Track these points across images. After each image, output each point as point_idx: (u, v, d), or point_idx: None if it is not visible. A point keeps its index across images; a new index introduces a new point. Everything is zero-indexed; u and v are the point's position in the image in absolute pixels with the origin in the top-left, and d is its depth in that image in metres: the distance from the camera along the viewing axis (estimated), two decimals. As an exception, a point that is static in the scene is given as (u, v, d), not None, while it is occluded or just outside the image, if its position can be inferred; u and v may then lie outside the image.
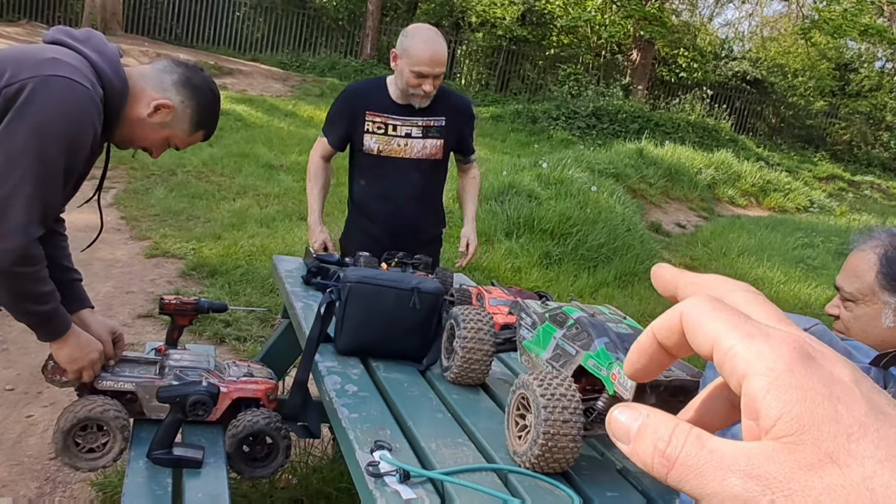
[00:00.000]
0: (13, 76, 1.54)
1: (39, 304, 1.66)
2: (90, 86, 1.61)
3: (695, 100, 17.25)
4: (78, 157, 1.63)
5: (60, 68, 1.57)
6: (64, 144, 1.57)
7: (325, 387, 1.62)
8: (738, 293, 0.36)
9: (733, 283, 0.37)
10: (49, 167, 1.56)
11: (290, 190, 7.47)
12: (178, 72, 1.83)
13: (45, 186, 1.57)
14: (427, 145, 2.73)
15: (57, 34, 1.71)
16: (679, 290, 0.38)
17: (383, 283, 1.80)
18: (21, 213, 1.54)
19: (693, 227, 9.54)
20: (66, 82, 1.56)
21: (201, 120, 1.87)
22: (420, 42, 2.59)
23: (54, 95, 1.54)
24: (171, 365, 2.05)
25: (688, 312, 0.34)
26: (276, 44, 18.29)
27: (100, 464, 1.89)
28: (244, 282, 4.94)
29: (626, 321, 1.58)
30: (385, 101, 2.69)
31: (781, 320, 0.33)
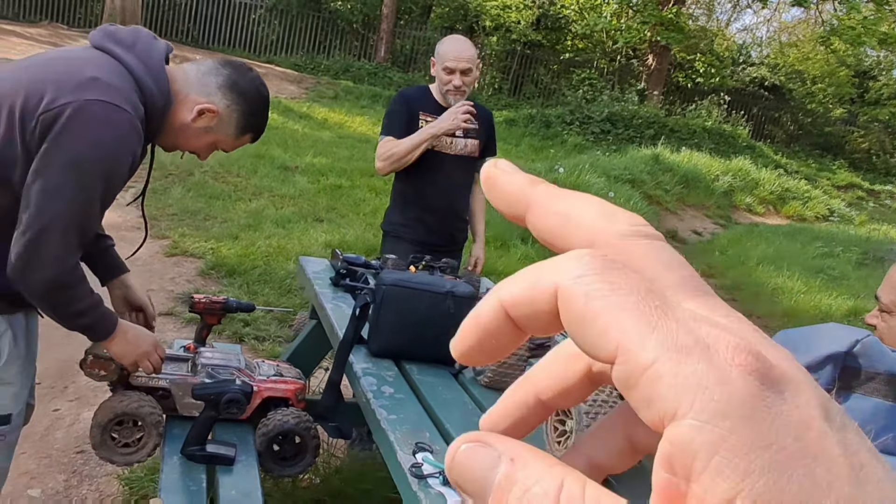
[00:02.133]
0: (52, 101, 1.48)
1: (81, 317, 1.65)
2: (130, 107, 1.54)
3: (711, 105, 17.18)
4: (115, 184, 1.59)
5: (100, 91, 1.50)
6: (101, 175, 1.53)
7: (362, 388, 1.63)
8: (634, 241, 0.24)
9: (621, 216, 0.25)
10: (86, 198, 1.52)
11: (306, 192, 7.50)
12: (224, 74, 1.76)
13: (83, 216, 1.54)
14: (468, 143, 3.03)
15: (102, 39, 1.63)
16: (531, 216, 0.26)
17: (418, 286, 1.81)
18: (58, 245, 1.51)
19: (710, 235, 9.51)
20: (104, 108, 1.50)
21: (248, 124, 1.81)
22: (448, 43, 2.99)
23: (92, 124, 1.49)
24: (203, 363, 2.07)
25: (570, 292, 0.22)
26: (290, 46, 18.36)
27: (134, 458, 1.91)
28: (262, 282, 4.96)
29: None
30: (433, 104, 2.99)
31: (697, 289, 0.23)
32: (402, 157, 2.89)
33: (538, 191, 0.26)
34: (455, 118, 2.85)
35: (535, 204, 0.26)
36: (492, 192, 0.27)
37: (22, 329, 1.71)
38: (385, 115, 3.06)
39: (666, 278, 0.23)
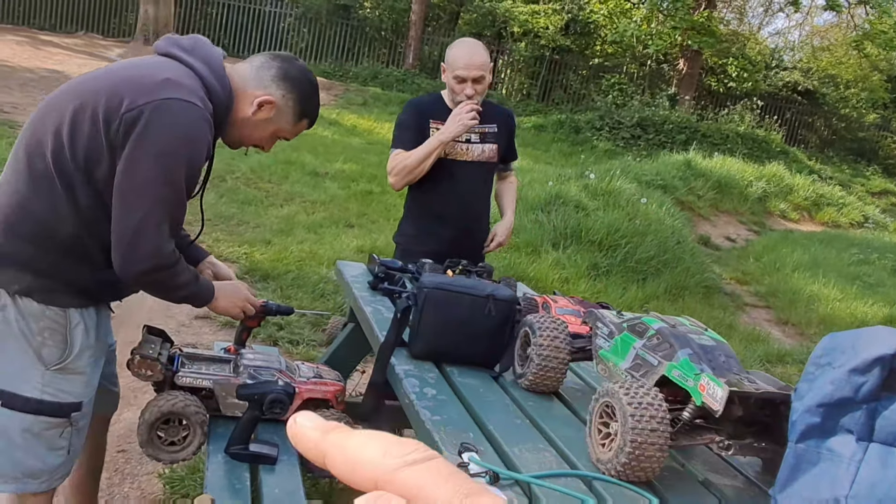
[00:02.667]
0: (132, 103, 1.60)
1: (182, 290, 1.82)
2: (202, 104, 1.68)
3: (744, 110, 17.00)
4: (196, 173, 1.73)
5: (174, 90, 1.63)
6: (185, 165, 1.66)
7: (405, 389, 1.65)
8: (406, 471, 0.29)
9: (395, 450, 0.29)
10: (173, 188, 1.66)
11: (336, 197, 7.55)
12: (276, 66, 1.86)
13: (172, 207, 1.68)
14: (486, 149, 2.89)
15: (167, 46, 1.77)
16: (329, 465, 0.31)
17: (459, 289, 1.82)
18: (153, 237, 1.65)
19: (743, 241, 9.40)
20: (180, 105, 1.63)
21: (303, 109, 1.92)
22: (458, 49, 2.80)
23: (171, 120, 1.62)
24: (245, 364, 2.10)
25: None
26: (320, 53, 18.53)
27: (180, 456, 1.94)
28: (295, 286, 5.00)
29: (707, 333, 1.57)
30: (444, 111, 2.82)
31: (468, 493, 0.28)
32: (413, 169, 2.77)
33: (329, 443, 0.30)
34: (461, 121, 2.71)
35: (328, 455, 0.30)
36: (296, 446, 0.31)
37: (93, 321, 1.80)
38: (395, 127, 2.94)
39: (438, 494, 0.28)
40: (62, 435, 1.76)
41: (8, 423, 1.71)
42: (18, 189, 1.67)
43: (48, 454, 1.75)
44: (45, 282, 1.69)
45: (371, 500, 0.27)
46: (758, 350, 5.43)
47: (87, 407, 1.81)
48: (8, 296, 1.68)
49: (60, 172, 1.64)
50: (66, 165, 1.63)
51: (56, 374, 1.72)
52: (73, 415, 1.76)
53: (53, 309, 1.70)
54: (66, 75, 11.67)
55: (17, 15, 16.71)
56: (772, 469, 1.51)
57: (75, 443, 1.82)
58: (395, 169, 2.82)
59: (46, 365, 1.71)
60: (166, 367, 2.03)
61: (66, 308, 1.72)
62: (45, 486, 1.78)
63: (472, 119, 2.71)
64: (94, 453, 2.18)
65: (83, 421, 1.82)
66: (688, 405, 1.42)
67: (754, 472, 1.56)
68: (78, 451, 1.85)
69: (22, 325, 1.69)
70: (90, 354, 1.79)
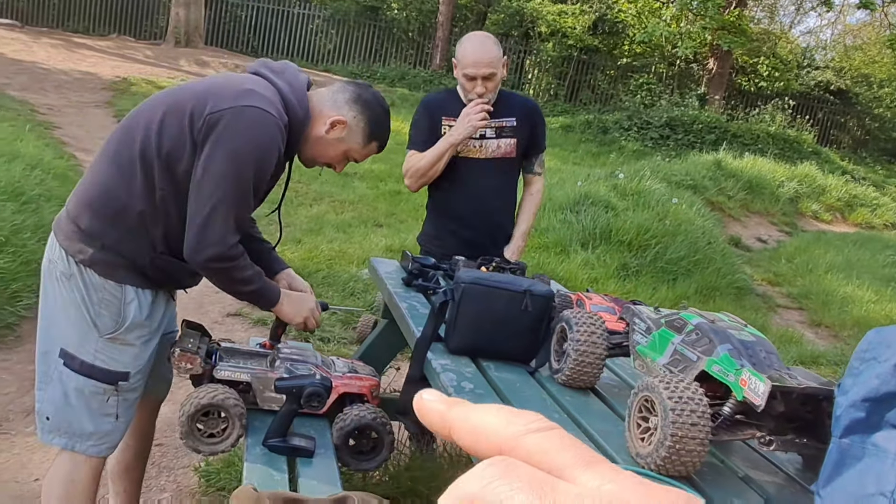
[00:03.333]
0: (215, 106, 1.80)
1: (246, 286, 1.95)
2: (277, 114, 1.84)
3: (775, 110, 16.77)
4: (264, 176, 1.87)
5: (254, 99, 1.82)
6: (253, 166, 1.82)
7: (442, 383, 1.66)
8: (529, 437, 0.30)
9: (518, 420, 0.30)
10: (243, 186, 1.82)
11: (365, 197, 7.60)
12: (350, 90, 2.03)
13: (239, 203, 1.84)
14: (501, 144, 2.79)
15: (258, 66, 1.99)
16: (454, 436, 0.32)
17: (496, 284, 1.83)
18: (220, 226, 1.82)
19: (775, 243, 9.28)
20: (256, 112, 1.81)
21: (373, 132, 2.05)
22: (467, 45, 2.71)
23: (246, 124, 1.80)
24: (281, 358, 2.12)
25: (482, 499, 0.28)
26: (347, 55, 18.65)
27: (219, 448, 1.97)
28: (326, 285, 5.04)
29: (747, 329, 1.57)
30: (458, 107, 2.75)
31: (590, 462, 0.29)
32: (427, 171, 2.73)
33: (454, 414, 0.32)
34: (470, 122, 2.63)
35: (454, 427, 0.32)
36: (422, 419, 0.33)
37: (147, 301, 1.93)
38: (410, 126, 2.88)
39: (562, 459, 0.29)
40: (109, 401, 1.91)
41: (66, 381, 1.88)
42: (102, 170, 1.88)
43: (97, 418, 1.90)
44: (108, 256, 1.85)
45: (498, 461, 0.28)
46: (791, 351, 5.36)
47: (134, 379, 1.94)
48: (76, 265, 1.85)
49: (143, 159, 1.82)
50: (149, 154, 1.82)
51: (108, 342, 1.88)
52: (120, 383, 1.91)
53: (111, 283, 1.86)
54: (99, 77, 11.87)
55: (51, 18, 17.05)
56: (813, 465, 1.50)
57: (123, 412, 1.94)
58: (409, 171, 2.79)
59: (100, 333, 1.87)
60: (205, 360, 2.06)
61: (123, 284, 1.87)
62: (94, 451, 1.93)
63: (481, 119, 2.64)
64: (142, 437, 2.28)
65: (132, 394, 1.95)
66: (728, 400, 1.42)
67: (795, 469, 1.55)
68: (126, 423, 1.98)
69: (84, 294, 1.85)
70: (141, 332, 1.93)
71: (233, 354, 2.16)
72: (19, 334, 3.67)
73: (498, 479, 0.27)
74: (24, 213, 4.50)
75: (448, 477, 2.63)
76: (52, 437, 1.92)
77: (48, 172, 5.59)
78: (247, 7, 18.14)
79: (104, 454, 1.97)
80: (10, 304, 3.70)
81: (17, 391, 3.18)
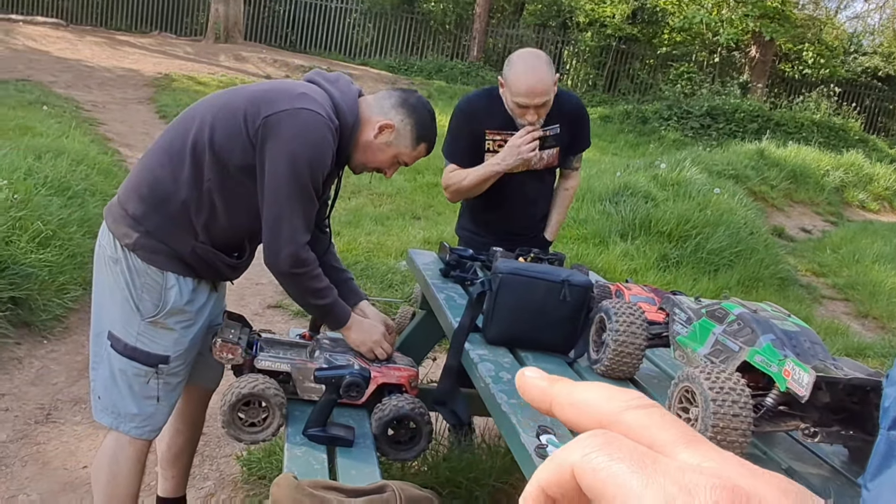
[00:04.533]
0: (271, 108, 1.87)
1: (318, 298, 2.01)
2: (327, 117, 1.91)
3: (820, 97, 16.36)
4: (320, 174, 1.93)
5: (308, 102, 1.89)
6: (308, 166, 1.88)
7: (480, 374, 1.66)
8: (630, 413, 0.30)
9: (619, 396, 0.31)
10: (302, 186, 1.88)
11: (402, 190, 7.62)
12: (396, 95, 2.09)
13: (304, 201, 1.90)
14: (544, 156, 2.67)
15: (313, 75, 2.08)
16: (556, 410, 0.32)
17: (534, 274, 1.82)
18: (290, 226, 1.89)
19: (819, 233, 9.07)
20: (310, 114, 1.88)
21: (421, 135, 2.09)
22: (519, 72, 2.47)
23: (301, 126, 1.87)
24: (321, 349, 2.14)
25: (582, 468, 0.28)
26: (384, 48, 18.70)
27: (260, 437, 2.00)
28: (364, 277, 5.08)
29: (790, 319, 1.54)
30: (502, 118, 2.60)
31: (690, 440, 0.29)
32: (469, 191, 2.67)
33: (556, 390, 0.33)
34: (519, 154, 2.51)
35: (555, 401, 0.32)
36: (524, 395, 0.34)
37: (188, 289, 1.99)
38: (447, 131, 2.71)
39: (662, 436, 0.29)
40: (149, 383, 1.97)
41: (113, 362, 1.96)
42: (153, 159, 1.96)
43: (139, 399, 1.97)
44: (151, 242, 1.92)
45: (599, 433, 0.29)
46: (836, 343, 5.24)
47: (175, 363, 2.00)
48: (122, 248, 1.92)
49: (193, 150, 1.90)
50: (200, 144, 1.89)
51: (149, 325, 1.94)
52: (160, 366, 1.97)
53: (153, 269, 1.93)
54: (141, 74, 12.10)
55: (95, 16, 17.43)
56: (859, 458, 1.46)
57: (165, 396, 2.00)
58: (451, 188, 2.70)
59: (143, 316, 1.94)
60: (246, 351, 2.10)
61: (164, 270, 1.94)
62: (137, 433, 1.99)
63: (531, 151, 2.52)
64: (192, 425, 2.34)
65: (173, 378, 2.01)
66: (771, 391, 1.39)
67: (841, 462, 1.52)
68: (168, 406, 2.04)
69: (128, 277, 1.92)
70: (181, 317, 1.99)
71: (273, 345, 2.19)
72: (67, 326, 3.77)
73: (598, 449, 0.28)
74: (70, 207, 4.62)
75: (486, 467, 2.64)
76: (101, 415, 2.01)
77: (93, 168, 5.72)
78: (285, 2, 18.30)
79: (147, 437, 2.03)
80: (58, 297, 3.80)
81: (65, 381, 3.27)
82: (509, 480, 2.61)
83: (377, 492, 1.53)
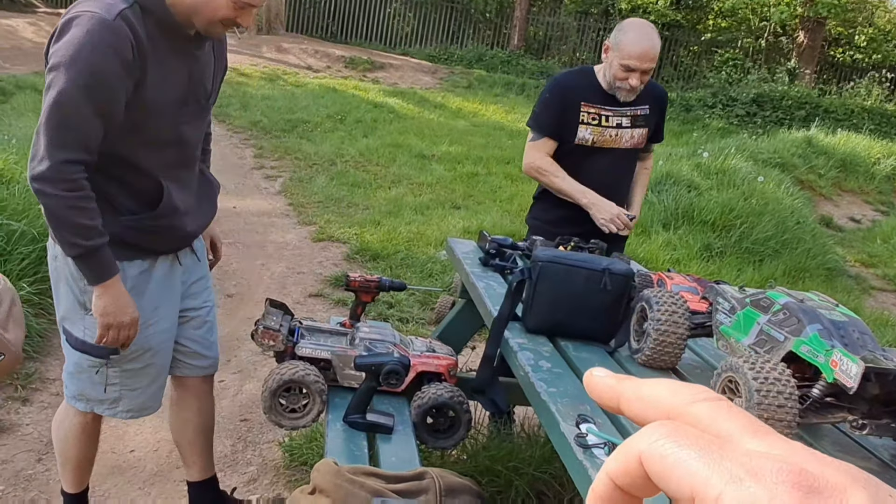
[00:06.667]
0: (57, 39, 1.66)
1: (74, 233, 1.71)
2: (106, 13, 1.62)
3: (871, 83, 15.87)
4: (108, 83, 1.65)
5: (81, 4, 1.65)
6: (80, 81, 1.62)
7: (520, 362, 1.65)
8: (697, 406, 0.30)
9: (686, 390, 0.31)
10: (64, 100, 1.63)
11: (442, 179, 7.62)
12: None
13: (67, 118, 1.64)
14: (635, 135, 2.76)
15: None
16: (623, 406, 0.33)
17: (574, 263, 1.81)
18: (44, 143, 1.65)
19: (869, 222, 8.83)
20: (83, 20, 1.62)
21: None
22: (633, 36, 2.59)
23: (74, 36, 1.62)
24: (361, 337, 2.16)
25: (649, 455, 0.28)
26: (424, 38, 18.67)
27: (300, 423, 2.03)
28: (404, 266, 5.10)
29: (838, 308, 1.50)
30: (597, 92, 2.70)
31: (757, 431, 0.29)
32: (549, 187, 2.76)
33: (624, 386, 0.33)
34: (611, 220, 2.62)
35: (623, 398, 0.33)
36: (592, 393, 0.35)
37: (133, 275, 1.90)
38: (536, 103, 2.81)
39: (729, 426, 0.29)
40: (99, 373, 1.95)
41: (70, 354, 1.96)
42: None
43: (99, 387, 1.97)
44: None
45: (667, 423, 0.29)
46: (886, 335, 5.10)
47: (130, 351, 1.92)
48: (56, 245, 1.84)
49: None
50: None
51: (94, 318, 1.83)
52: (111, 357, 1.92)
53: None
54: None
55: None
56: (910, 453, 1.43)
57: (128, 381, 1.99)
58: (536, 169, 2.74)
59: (87, 310, 1.86)
60: (287, 338, 2.12)
61: None
62: (111, 413, 2.02)
63: (617, 229, 2.63)
64: (198, 413, 2.27)
65: (133, 364, 1.97)
66: (817, 382, 1.36)
67: (890, 455, 1.48)
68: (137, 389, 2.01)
69: (67, 273, 1.85)
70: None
71: (314, 332, 2.21)
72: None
73: (665, 436, 0.28)
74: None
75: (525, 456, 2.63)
76: (74, 401, 2.02)
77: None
78: (325, -8, 18.41)
79: (125, 417, 2.07)
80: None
81: (114, 366, 3.35)
82: (549, 470, 2.60)
83: (417, 478, 1.54)
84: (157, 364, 2.03)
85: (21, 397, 2.98)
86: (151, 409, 2.09)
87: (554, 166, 2.72)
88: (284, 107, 9.98)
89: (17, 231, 3.56)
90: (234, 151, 7.97)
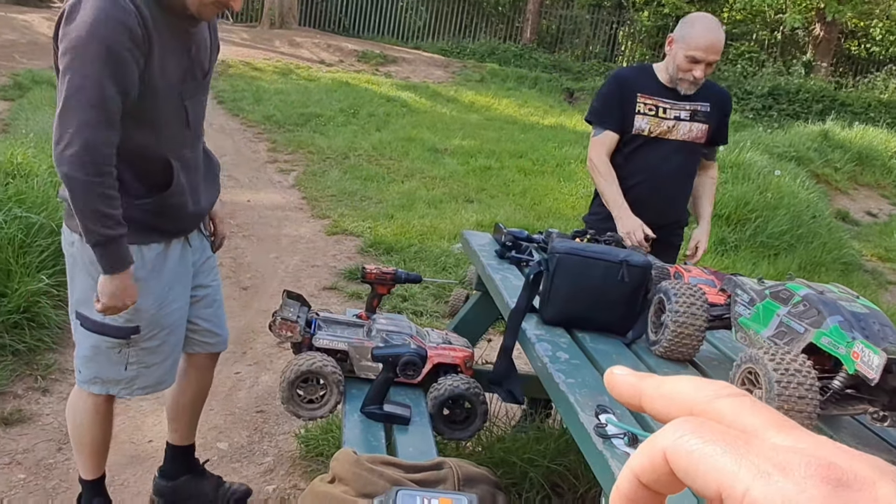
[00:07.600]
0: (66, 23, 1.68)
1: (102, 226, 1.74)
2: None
3: (889, 76, 15.72)
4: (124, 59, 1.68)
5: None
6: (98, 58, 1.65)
7: (537, 353, 1.66)
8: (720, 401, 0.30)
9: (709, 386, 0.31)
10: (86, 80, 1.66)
11: (455, 173, 7.62)
12: None
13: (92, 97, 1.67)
14: (693, 128, 2.77)
15: None
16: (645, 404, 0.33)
17: (591, 255, 1.81)
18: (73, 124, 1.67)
19: (886, 216, 8.76)
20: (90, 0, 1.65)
21: None
22: (700, 28, 2.65)
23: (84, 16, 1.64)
24: (377, 328, 2.17)
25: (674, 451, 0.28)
26: (437, 31, 18.64)
27: (318, 414, 2.04)
28: (418, 259, 5.11)
29: (859, 300, 1.49)
30: (655, 85, 2.75)
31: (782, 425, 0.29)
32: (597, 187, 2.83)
33: (646, 384, 0.33)
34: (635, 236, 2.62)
35: (645, 395, 0.33)
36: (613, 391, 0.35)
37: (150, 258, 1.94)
38: (595, 97, 2.87)
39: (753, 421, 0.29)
40: (120, 353, 1.98)
41: (85, 339, 1.98)
42: None
43: (118, 367, 1.99)
44: None
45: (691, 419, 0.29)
46: (904, 331, 5.06)
47: (147, 331, 1.98)
48: (72, 232, 1.89)
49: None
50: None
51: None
52: (132, 336, 1.96)
53: None
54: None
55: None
56: (932, 445, 1.42)
57: (146, 359, 2.01)
58: (592, 169, 2.81)
59: None
60: (305, 329, 2.14)
61: None
62: (127, 393, 2.06)
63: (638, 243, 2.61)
64: (197, 382, 2.33)
65: (150, 342, 2.00)
66: (838, 373, 1.36)
67: (911, 448, 1.47)
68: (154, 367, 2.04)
69: (85, 258, 1.88)
70: (145, 288, 1.92)
71: (331, 324, 2.22)
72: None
73: (691, 432, 0.28)
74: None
75: (541, 448, 2.63)
76: (88, 385, 2.03)
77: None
78: (338, -13, 18.41)
79: (139, 394, 2.10)
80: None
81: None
82: (563, 462, 2.61)
83: (435, 468, 1.55)
84: (171, 341, 2.08)
85: (41, 388, 3.01)
86: (167, 383, 2.13)
87: (606, 167, 2.75)
88: (297, 101, 10.00)
89: (36, 224, 3.59)
90: (248, 145, 8.00)
